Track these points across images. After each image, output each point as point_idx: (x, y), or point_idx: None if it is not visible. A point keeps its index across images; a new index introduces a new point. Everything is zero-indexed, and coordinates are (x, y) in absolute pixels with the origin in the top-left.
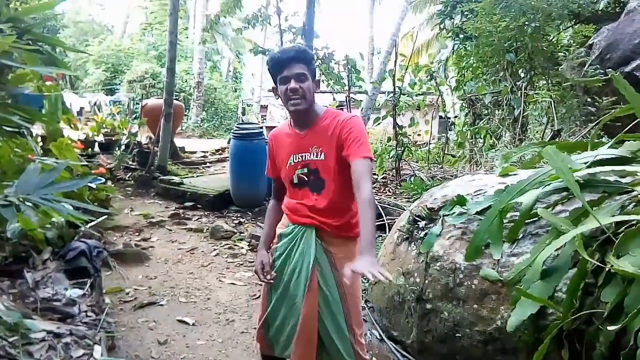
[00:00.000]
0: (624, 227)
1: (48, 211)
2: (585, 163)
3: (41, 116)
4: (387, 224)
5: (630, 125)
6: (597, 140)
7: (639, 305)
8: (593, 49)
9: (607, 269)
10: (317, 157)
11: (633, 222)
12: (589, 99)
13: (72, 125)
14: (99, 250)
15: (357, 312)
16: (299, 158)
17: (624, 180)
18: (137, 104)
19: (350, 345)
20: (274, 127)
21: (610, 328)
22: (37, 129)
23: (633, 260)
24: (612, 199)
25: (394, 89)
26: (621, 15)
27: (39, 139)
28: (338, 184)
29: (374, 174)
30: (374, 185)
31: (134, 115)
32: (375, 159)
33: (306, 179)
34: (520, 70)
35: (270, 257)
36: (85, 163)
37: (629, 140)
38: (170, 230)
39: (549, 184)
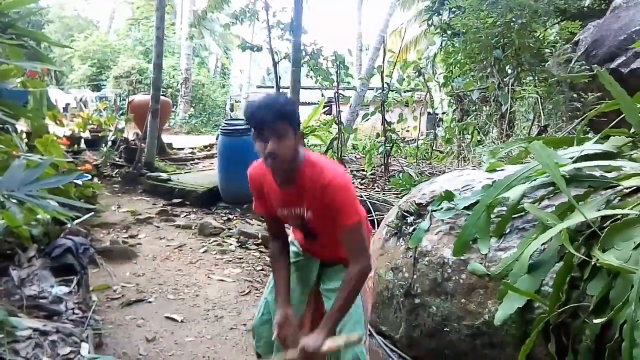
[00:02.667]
0: (609, 222)
1: (33, 208)
2: (571, 158)
3: (26, 112)
4: (375, 220)
5: (616, 120)
6: (583, 136)
7: (624, 298)
8: (579, 46)
9: (592, 263)
10: (305, 214)
11: (618, 217)
12: (575, 95)
13: (58, 122)
14: (86, 247)
15: (369, 308)
16: (288, 212)
17: (609, 175)
18: (123, 100)
19: (364, 340)
20: None
21: (596, 321)
22: (22, 125)
23: (618, 254)
24: (597, 193)
25: (383, 85)
26: (607, 12)
27: (24, 135)
28: (334, 236)
29: (363, 171)
30: (362, 181)
31: (120, 112)
32: (361, 222)
33: (300, 227)
34: (507, 67)
35: (293, 314)
36: (71, 159)
37: (614, 136)
38: (158, 227)
39: (535, 179)
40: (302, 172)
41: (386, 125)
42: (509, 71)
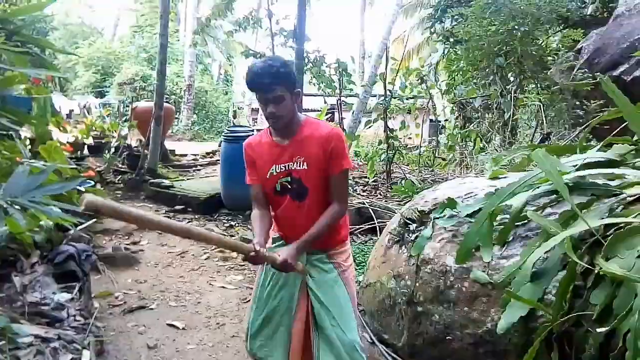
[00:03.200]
0: (612, 230)
1: (36, 214)
2: (574, 166)
3: (30, 118)
4: (378, 227)
5: (619, 128)
6: (585, 144)
7: (628, 307)
8: (582, 53)
9: (596, 271)
10: (299, 166)
11: (621, 225)
12: (577, 103)
13: (61, 128)
14: (88, 254)
15: (355, 300)
16: (281, 168)
17: (612, 183)
18: (127, 106)
19: (356, 329)
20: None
21: (599, 330)
22: (26, 132)
23: (621, 262)
24: (600, 201)
25: (385, 92)
26: (609, 20)
27: (28, 141)
28: (321, 191)
29: (366, 177)
30: (365, 188)
31: (124, 118)
32: (356, 167)
33: (289, 186)
34: (509, 74)
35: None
36: (74, 166)
37: (617, 144)
38: (160, 233)
39: (538, 187)
40: (302, 127)
41: (388, 133)
42: (512, 79)
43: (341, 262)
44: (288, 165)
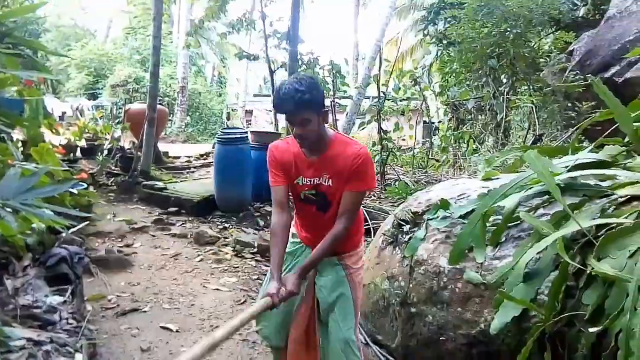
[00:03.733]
0: (604, 230)
1: (28, 217)
2: (566, 167)
3: (22, 121)
4: (372, 228)
5: (610, 129)
6: (577, 145)
7: (619, 307)
8: (573, 55)
9: (588, 272)
10: (325, 182)
11: (613, 225)
12: (569, 104)
13: (54, 130)
14: (81, 257)
15: (359, 302)
16: (308, 181)
17: (604, 184)
18: (120, 108)
19: (353, 329)
20: (260, 132)
21: (591, 330)
22: (18, 134)
23: (613, 262)
24: (592, 202)
25: (379, 94)
26: (601, 22)
27: (20, 143)
28: None
29: None
30: None
31: (117, 120)
32: (369, 190)
33: (314, 198)
34: (502, 76)
35: (282, 286)
36: (67, 168)
37: (608, 145)
38: (154, 235)
39: (530, 188)
40: (332, 144)
41: (382, 134)
42: (504, 80)
43: (350, 264)
44: (314, 180)
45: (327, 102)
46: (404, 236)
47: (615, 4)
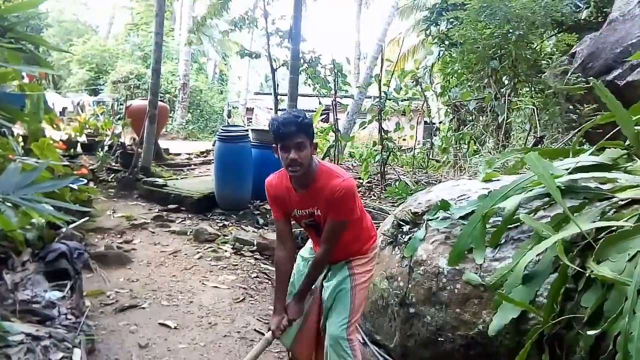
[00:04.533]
0: (604, 233)
1: (28, 212)
2: (567, 170)
3: (23, 115)
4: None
5: (611, 132)
6: (578, 147)
7: (618, 310)
8: (575, 58)
9: (587, 274)
10: (317, 212)
11: (613, 228)
12: (571, 107)
13: (55, 126)
14: (80, 252)
15: (360, 303)
16: (304, 212)
17: (604, 187)
18: (121, 104)
19: (347, 324)
20: (261, 130)
21: (590, 332)
22: (19, 129)
23: (612, 265)
24: (592, 205)
25: (380, 93)
26: (603, 25)
27: (20, 138)
28: None
29: (359, 179)
30: (359, 189)
31: (117, 116)
32: (348, 222)
33: (313, 224)
34: (504, 77)
35: (286, 318)
36: (67, 163)
37: (609, 148)
38: (153, 232)
39: (531, 190)
40: (318, 177)
41: (383, 134)
42: (506, 82)
43: (355, 266)
44: (308, 211)
45: (329, 101)
46: (404, 236)
47: (618, 7)
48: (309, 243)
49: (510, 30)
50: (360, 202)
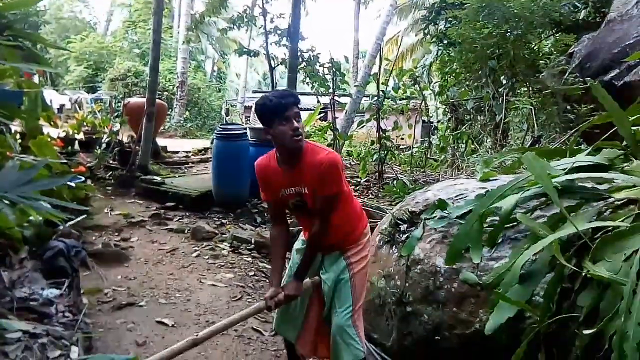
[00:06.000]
0: (600, 233)
1: (26, 209)
2: (564, 169)
3: (20, 113)
4: (369, 227)
5: (608, 132)
6: (575, 147)
7: (614, 309)
8: (573, 58)
9: (583, 274)
10: (304, 190)
11: (609, 228)
12: (568, 107)
13: (52, 123)
14: (77, 250)
15: (361, 290)
16: (290, 191)
17: (601, 187)
18: (119, 102)
19: (351, 313)
20: (259, 128)
21: (585, 332)
22: (16, 126)
23: (609, 265)
24: (589, 205)
25: (378, 92)
26: (601, 25)
27: (18, 135)
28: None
29: (357, 177)
30: (357, 188)
31: (115, 114)
32: (338, 194)
33: (301, 205)
34: (502, 77)
35: (281, 292)
36: (65, 161)
37: (606, 148)
38: (151, 230)
39: (528, 190)
40: (304, 155)
41: (381, 133)
42: (504, 81)
43: (351, 255)
44: (295, 189)
45: (327, 99)
46: (401, 235)
47: (616, 7)
48: (301, 236)
49: (509, 30)
50: (346, 183)
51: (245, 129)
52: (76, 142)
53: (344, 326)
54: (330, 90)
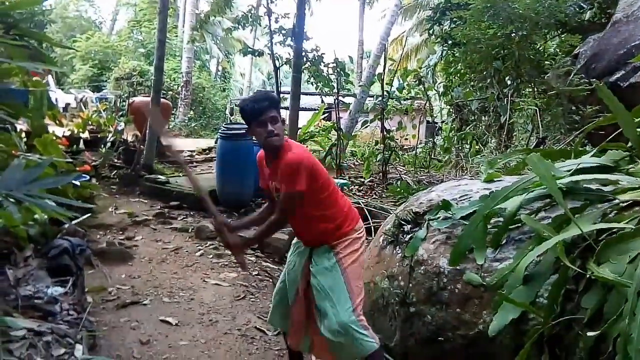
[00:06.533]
0: (605, 235)
1: (31, 208)
2: (569, 171)
3: (26, 111)
4: (372, 227)
5: (614, 134)
6: (580, 149)
7: (618, 312)
8: (579, 59)
9: (587, 276)
10: (279, 186)
11: (614, 230)
12: (573, 108)
13: (57, 122)
14: (82, 248)
15: (356, 283)
16: (273, 184)
17: (606, 189)
18: (124, 101)
19: (353, 307)
20: None
21: (589, 334)
22: (22, 125)
23: (613, 267)
24: (594, 206)
25: (383, 92)
26: (607, 26)
27: (23, 134)
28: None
29: (361, 177)
30: (360, 188)
31: (120, 113)
32: (298, 193)
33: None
34: (507, 78)
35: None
36: (70, 160)
37: (611, 149)
38: (155, 229)
39: (532, 191)
40: (283, 153)
41: (385, 133)
42: (509, 82)
43: (340, 250)
44: (275, 185)
45: (331, 99)
46: (405, 236)
47: (622, 8)
48: (294, 240)
49: (514, 31)
50: (330, 181)
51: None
52: (81, 141)
53: (348, 322)
54: (335, 90)
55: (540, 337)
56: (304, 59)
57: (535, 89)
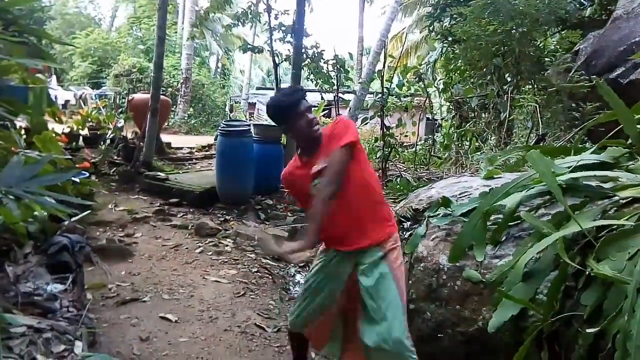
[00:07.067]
0: (604, 232)
1: (31, 204)
2: (569, 168)
3: (25, 108)
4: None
5: (614, 131)
6: (580, 145)
7: (617, 308)
8: (579, 55)
9: (587, 273)
10: (322, 165)
11: (614, 227)
12: (573, 105)
13: (57, 118)
14: (82, 245)
15: (404, 288)
16: (315, 176)
17: (605, 186)
18: (123, 98)
19: (404, 320)
20: (262, 125)
21: (589, 330)
22: (21, 122)
23: (613, 264)
24: (593, 203)
25: (382, 89)
26: (607, 23)
27: (23, 131)
28: (352, 180)
29: None
30: None
31: (120, 110)
32: (353, 146)
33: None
34: (507, 75)
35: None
36: (70, 157)
37: (611, 146)
38: (155, 226)
39: (532, 188)
40: (324, 137)
41: (385, 130)
42: (509, 79)
43: (390, 256)
44: (318, 168)
45: (331, 96)
46: (405, 233)
47: (622, 5)
48: (321, 247)
49: (514, 27)
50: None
51: (249, 125)
52: (81, 137)
53: (403, 339)
54: (335, 87)
55: (540, 333)
56: (304, 55)
57: (535, 86)
